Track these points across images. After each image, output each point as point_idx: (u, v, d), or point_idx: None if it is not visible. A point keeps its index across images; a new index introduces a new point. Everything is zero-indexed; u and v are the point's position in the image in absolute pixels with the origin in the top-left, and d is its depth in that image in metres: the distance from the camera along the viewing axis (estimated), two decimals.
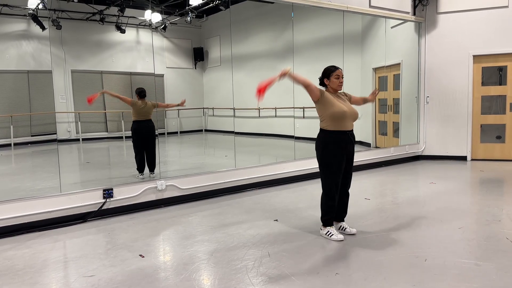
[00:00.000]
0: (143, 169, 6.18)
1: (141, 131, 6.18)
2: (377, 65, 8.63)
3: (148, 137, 6.21)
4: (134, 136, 6.25)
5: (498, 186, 6.03)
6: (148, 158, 6.19)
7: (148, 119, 6.20)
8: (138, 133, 6.20)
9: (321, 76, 3.89)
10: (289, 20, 7.31)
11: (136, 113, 6.14)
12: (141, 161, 6.17)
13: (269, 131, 10.69)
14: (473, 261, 3.26)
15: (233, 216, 4.71)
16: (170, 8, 10.63)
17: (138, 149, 6.21)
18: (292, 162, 6.55)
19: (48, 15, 8.85)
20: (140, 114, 6.13)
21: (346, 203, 3.99)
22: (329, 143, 3.74)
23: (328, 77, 3.83)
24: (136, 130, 6.21)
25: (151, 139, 6.23)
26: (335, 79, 3.80)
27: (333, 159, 3.74)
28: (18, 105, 9.47)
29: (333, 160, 3.74)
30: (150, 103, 6.24)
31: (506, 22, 7.62)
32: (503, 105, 7.88)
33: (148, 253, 3.62)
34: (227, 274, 3.12)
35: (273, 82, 3.57)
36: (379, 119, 8.87)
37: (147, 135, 6.20)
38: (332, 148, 3.72)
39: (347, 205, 4.01)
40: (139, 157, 6.18)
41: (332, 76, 3.80)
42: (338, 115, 3.69)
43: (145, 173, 6.17)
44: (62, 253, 3.69)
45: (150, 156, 6.18)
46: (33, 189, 5.71)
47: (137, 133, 6.21)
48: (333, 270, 3.16)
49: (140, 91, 6.19)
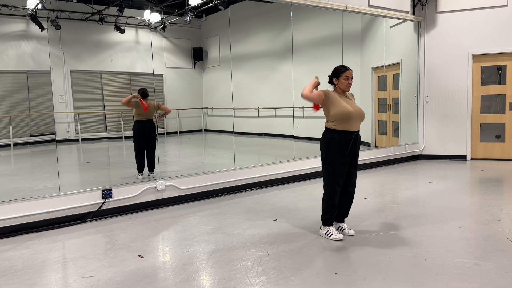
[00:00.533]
0: (143, 169, 6.19)
1: (143, 131, 6.20)
2: (376, 64, 8.62)
3: (150, 137, 6.24)
4: (136, 136, 6.26)
5: (497, 185, 6.03)
6: (149, 158, 6.20)
7: (150, 119, 6.22)
8: (141, 133, 6.21)
9: (331, 74, 3.85)
10: (288, 20, 7.30)
11: (139, 113, 6.15)
12: (141, 161, 6.18)
13: (269, 131, 10.69)
14: (472, 261, 3.25)
15: (233, 216, 4.70)
16: (169, 8, 10.62)
17: (139, 149, 6.21)
18: (291, 162, 6.55)
19: (47, 15, 8.84)
20: (143, 114, 6.14)
21: (347, 205, 3.96)
22: (333, 142, 3.73)
23: (338, 77, 3.79)
24: (139, 130, 6.22)
25: (152, 139, 6.25)
26: (344, 80, 3.77)
27: (336, 158, 3.73)
28: (17, 106, 9.46)
29: (336, 159, 3.73)
30: (153, 103, 6.25)
31: (506, 21, 7.62)
32: (503, 104, 7.88)
33: (147, 253, 3.62)
34: (226, 274, 3.11)
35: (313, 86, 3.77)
36: (379, 119, 8.87)
37: (148, 135, 6.22)
38: (336, 147, 3.71)
39: (348, 207, 3.98)
40: (140, 157, 6.19)
41: (342, 77, 3.77)
42: (343, 115, 3.67)
43: (144, 173, 6.17)
44: (61, 254, 3.68)
45: (150, 156, 6.19)
46: (32, 189, 5.71)
47: (139, 133, 6.23)
48: (333, 270, 3.15)
49: (143, 91, 6.20)
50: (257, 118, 11.16)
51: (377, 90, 8.75)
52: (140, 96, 6.08)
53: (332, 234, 3.82)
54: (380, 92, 8.72)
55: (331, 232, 3.83)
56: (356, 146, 3.79)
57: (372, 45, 8.82)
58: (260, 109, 10.96)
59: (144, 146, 6.19)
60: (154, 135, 6.28)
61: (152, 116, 6.21)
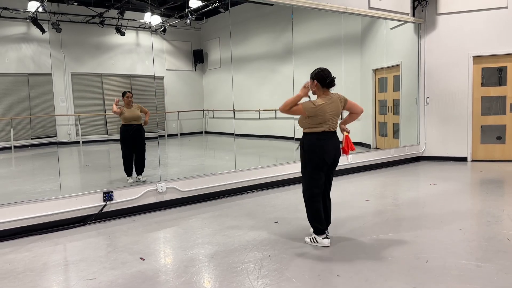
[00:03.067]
0: (131, 173, 6.16)
1: (129, 135, 6.13)
2: (376, 66, 8.63)
3: (137, 141, 6.17)
4: (122, 139, 6.24)
5: (498, 186, 6.02)
6: (137, 161, 6.18)
7: (137, 123, 6.15)
8: (126, 137, 6.16)
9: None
10: (289, 22, 7.31)
11: (124, 116, 6.11)
12: (128, 165, 6.16)
13: (269, 132, 10.69)
14: (474, 262, 3.25)
15: (234, 218, 4.70)
16: (170, 11, 10.65)
17: (125, 152, 6.22)
18: (292, 164, 6.54)
19: (48, 18, 8.86)
20: (127, 118, 6.09)
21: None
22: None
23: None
24: (124, 133, 6.17)
25: (139, 142, 6.19)
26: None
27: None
28: (18, 108, 9.48)
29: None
30: (136, 105, 6.20)
31: (506, 23, 7.63)
32: (503, 105, 7.88)
33: (149, 255, 3.62)
34: (228, 277, 3.11)
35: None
36: (379, 120, 8.88)
37: (134, 138, 6.16)
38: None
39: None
40: (126, 161, 6.17)
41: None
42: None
43: (134, 177, 6.16)
44: (62, 256, 3.69)
45: (138, 159, 6.18)
46: (33, 192, 5.71)
47: (125, 136, 6.17)
48: (334, 272, 3.15)
49: (123, 92, 6.24)
50: (257, 120, 11.16)
51: (378, 91, 8.76)
52: (118, 100, 6.07)
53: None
54: (380, 94, 8.73)
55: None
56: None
57: (372, 47, 8.83)
58: (260, 111, 10.97)
59: (131, 150, 6.14)
60: (142, 138, 6.20)
61: (138, 119, 6.12)
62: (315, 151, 3.65)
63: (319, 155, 3.64)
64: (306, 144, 3.70)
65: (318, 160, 3.65)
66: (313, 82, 3.69)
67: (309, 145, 3.68)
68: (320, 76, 3.66)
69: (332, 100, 3.66)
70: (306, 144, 3.70)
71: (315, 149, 3.65)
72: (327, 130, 3.65)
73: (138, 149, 6.17)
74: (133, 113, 6.09)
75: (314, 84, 3.69)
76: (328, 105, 3.62)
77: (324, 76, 3.65)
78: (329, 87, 3.68)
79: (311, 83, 3.71)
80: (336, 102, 3.69)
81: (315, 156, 3.65)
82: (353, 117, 3.88)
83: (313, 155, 3.66)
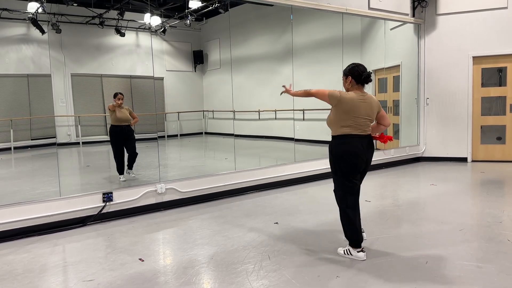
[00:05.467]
0: (123, 171, 6.39)
1: (118, 135, 6.37)
2: (376, 67, 8.63)
3: (126, 141, 6.42)
4: (112, 139, 6.48)
5: (499, 187, 6.02)
6: (129, 157, 6.42)
7: (126, 124, 6.38)
8: (116, 137, 6.40)
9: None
10: (288, 23, 7.31)
11: (114, 117, 6.34)
12: (119, 164, 6.39)
13: (269, 133, 10.69)
14: (474, 263, 3.24)
15: (233, 219, 4.69)
16: (170, 11, 10.65)
17: (115, 152, 6.43)
18: (292, 165, 6.54)
19: (48, 19, 8.87)
20: (117, 119, 6.30)
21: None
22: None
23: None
24: (113, 133, 6.42)
25: (129, 141, 6.44)
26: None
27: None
28: (18, 109, 9.48)
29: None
30: (126, 108, 6.44)
31: (506, 23, 7.62)
32: (503, 106, 7.87)
33: (148, 257, 3.61)
34: (227, 278, 3.10)
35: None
36: None
37: (124, 138, 6.40)
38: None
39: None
40: (117, 160, 6.40)
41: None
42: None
43: (126, 175, 6.39)
44: (61, 257, 3.68)
45: (131, 155, 6.42)
46: (33, 193, 5.70)
47: (114, 136, 6.41)
48: (334, 273, 3.14)
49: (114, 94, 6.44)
50: (257, 121, 11.16)
51: (378, 92, 8.75)
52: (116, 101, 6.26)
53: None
54: (380, 94, 8.72)
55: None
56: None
57: (372, 47, 8.83)
58: (260, 111, 10.97)
59: (122, 149, 6.36)
60: (132, 138, 6.44)
61: (128, 120, 6.34)
62: (343, 157, 3.28)
63: (348, 161, 3.27)
64: (334, 149, 3.34)
65: (348, 167, 3.29)
66: (347, 79, 3.35)
67: (337, 150, 3.31)
68: (355, 71, 3.31)
69: (365, 98, 3.30)
70: (334, 149, 3.34)
71: (343, 155, 3.28)
72: (357, 133, 3.26)
73: (130, 147, 6.39)
74: (124, 114, 6.31)
75: (348, 81, 3.35)
76: (359, 101, 3.25)
77: (360, 72, 3.29)
78: (364, 83, 3.33)
79: (344, 81, 3.40)
80: (370, 103, 3.32)
81: (344, 163, 3.29)
82: (380, 128, 3.51)
83: (342, 162, 3.29)
